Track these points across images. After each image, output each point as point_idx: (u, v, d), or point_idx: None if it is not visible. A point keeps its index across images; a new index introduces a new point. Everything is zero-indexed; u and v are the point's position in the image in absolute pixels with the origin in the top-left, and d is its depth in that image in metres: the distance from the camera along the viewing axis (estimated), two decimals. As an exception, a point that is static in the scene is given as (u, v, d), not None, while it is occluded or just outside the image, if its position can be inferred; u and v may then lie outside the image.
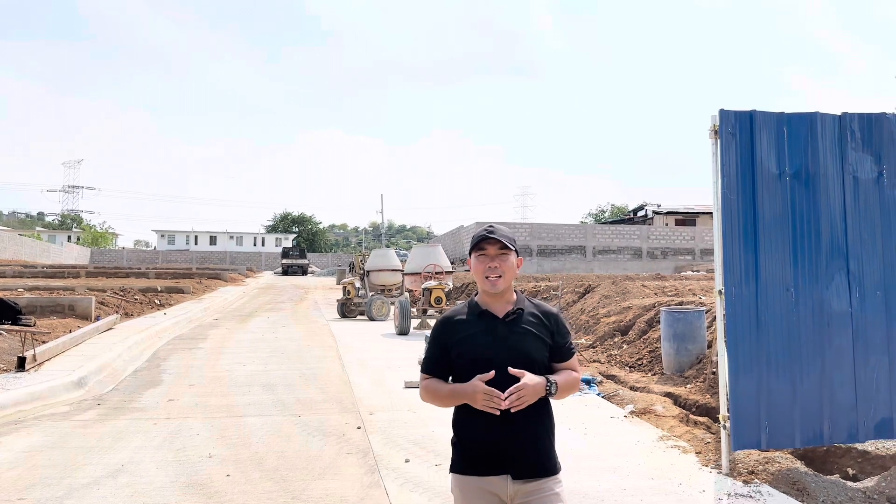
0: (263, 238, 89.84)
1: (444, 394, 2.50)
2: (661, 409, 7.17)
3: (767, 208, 5.27)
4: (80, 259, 66.16)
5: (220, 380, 9.25)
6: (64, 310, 14.00)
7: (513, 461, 2.43)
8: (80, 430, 6.51)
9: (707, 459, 5.52)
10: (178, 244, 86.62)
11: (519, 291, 2.62)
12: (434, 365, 2.56)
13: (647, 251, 47.53)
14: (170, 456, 5.73)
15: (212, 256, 77.11)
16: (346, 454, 5.82)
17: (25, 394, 7.47)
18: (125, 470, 5.34)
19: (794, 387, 5.18)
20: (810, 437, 5.25)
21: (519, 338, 2.46)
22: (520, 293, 2.61)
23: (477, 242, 2.53)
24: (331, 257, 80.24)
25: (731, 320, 5.14)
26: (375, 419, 6.91)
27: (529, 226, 47.70)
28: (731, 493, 4.79)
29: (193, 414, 7.23)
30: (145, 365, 10.51)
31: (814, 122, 5.40)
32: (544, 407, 2.50)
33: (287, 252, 62.34)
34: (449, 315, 2.61)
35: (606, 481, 5.03)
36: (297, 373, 9.85)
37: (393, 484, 5.02)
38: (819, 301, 5.29)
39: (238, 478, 5.19)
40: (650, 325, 12.05)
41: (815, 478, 5.04)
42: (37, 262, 50.43)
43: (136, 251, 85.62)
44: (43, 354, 9.20)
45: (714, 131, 5.29)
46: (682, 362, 9.39)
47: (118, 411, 7.35)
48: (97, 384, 8.59)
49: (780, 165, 5.32)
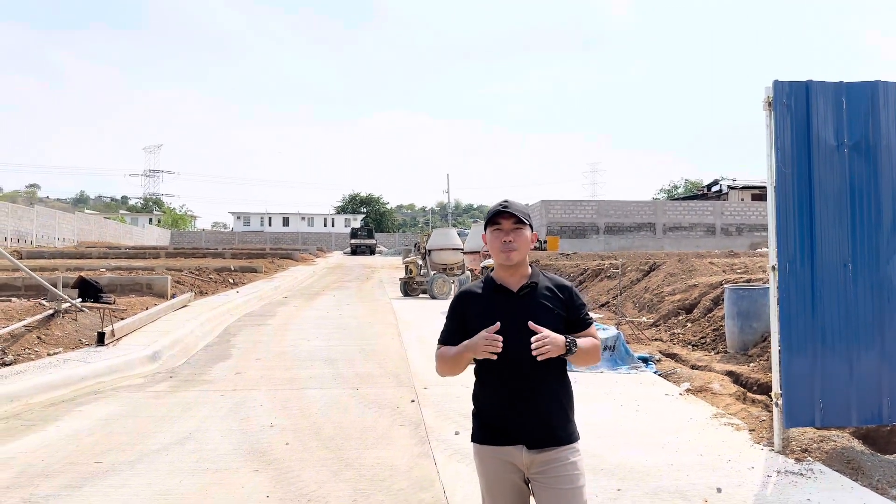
0: (333, 219, 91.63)
1: (453, 354, 2.57)
2: (718, 388, 7.08)
3: (824, 182, 5.12)
4: (160, 240, 69.04)
5: (285, 354, 9.62)
6: (142, 288, 14.73)
7: (526, 432, 2.50)
8: (152, 401, 6.92)
9: (760, 437, 5.45)
10: (253, 225, 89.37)
11: (534, 265, 2.68)
12: (451, 336, 2.63)
13: (721, 227, 46.19)
14: (234, 425, 6.04)
15: (284, 237, 79.17)
16: (399, 426, 6.01)
17: (104, 367, 7.96)
18: (192, 437, 5.67)
19: (851, 364, 5.06)
20: (868, 416, 5.12)
21: (533, 310, 2.52)
22: (535, 267, 2.67)
23: (492, 217, 2.60)
24: (398, 237, 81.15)
25: (784, 297, 5.05)
26: (429, 393, 7.08)
27: (596, 203, 47.04)
28: (782, 470, 4.72)
29: (258, 386, 7.57)
30: (216, 340, 11.00)
31: (875, 90, 5.19)
32: (559, 378, 2.56)
33: (355, 232, 63.41)
34: (466, 290, 2.69)
35: (654, 456, 5.04)
36: (357, 348, 10.13)
37: (442, 454, 5.17)
38: (879, 278, 5.13)
39: (296, 446, 5.44)
40: (716, 303, 11.79)
41: (871, 457, 4.92)
42: (121, 243, 52.92)
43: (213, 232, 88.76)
44: (121, 330, 9.75)
45: (768, 103, 5.16)
46: (745, 340, 9.20)
47: (188, 383, 7.76)
48: (170, 358, 9.06)
49: (839, 137, 5.15)
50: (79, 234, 49.71)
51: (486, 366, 2.54)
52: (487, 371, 2.57)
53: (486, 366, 2.54)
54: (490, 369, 2.54)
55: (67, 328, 9.61)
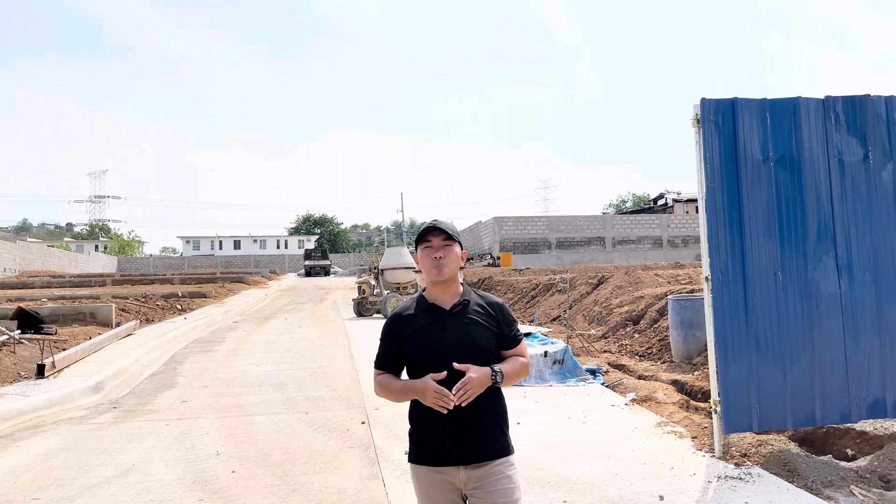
0: (286, 240, 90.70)
1: (396, 389, 2.61)
2: (663, 397, 7.24)
3: (752, 194, 5.32)
4: (107, 268, 67.35)
5: (233, 380, 9.47)
6: (85, 318, 14.35)
7: (461, 449, 2.54)
8: (94, 433, 6.74)
9: (702, 444, 5.59)
10: (203, 249, 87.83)
11: (465, 284, 2.74)
12: (387, 360, 2.67)
13: (668, 240, 47.22)
14: (179, 455, 5.93)
15: (236, 260, 78.06)
16: (348, 448, 5.98)
17: (44, 400, 7.72)
18: (135, 469, 5.54)
19: (785, 370, 5.24)
20: (802, 419, 5.30)
21: (466, 328, 2.57)
22: (466, 286, 2.73)
23: (422, 235, 2.65)
24: (353, 257, 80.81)
25: (717, 306, 5.21)
26: (380, 414, 7.06)
27: (547, 219, 47.66)
28: (722, 475, 4.86)
29: (205, 414, 7.44)
30: (162, 368, 10.77)
31: (797, 106, 5.43)
32: (492, 393, 2.61)
33: (309, 253, 62.86)
34: (398, 311, 2.73)
35: (600, 467, 5.13)
36: (308, 371, 10.05)
37: (391, 475, 5.17)
38: (808, 285, 5.33)
39: (243, 473, 5.36)
40: (661, 313, 12.07)
41: (806, 458, 5.09)
42: (65, 272, 51.45)
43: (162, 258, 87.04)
44: (62, 361, 9.48)
45: (696, 120, 5.35)
46: (690, 349, 9.43)
47: (133, 414, 7.58)
48: (114, 388, 8.84)
49: (765, 151, 5.37)
50: (21, 263, 48.18)
51: None
52: None
53: None
54: None
55: (6, 361, 9.30)
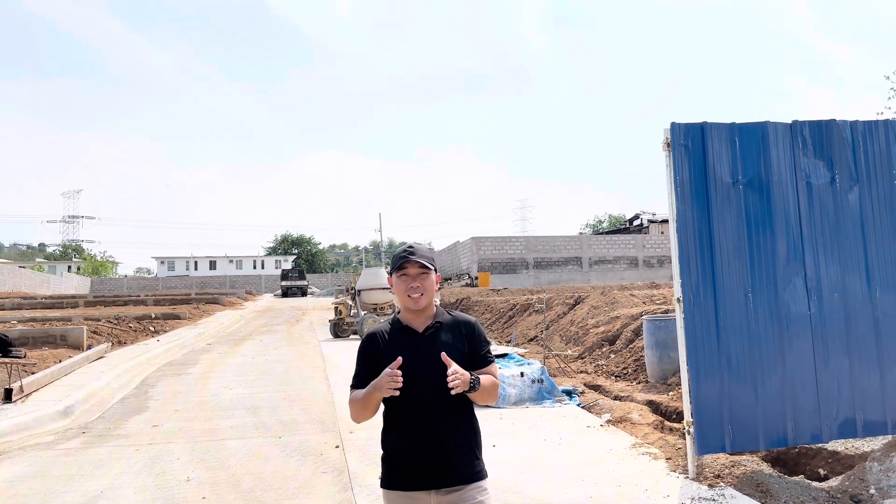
0: (263, 261, 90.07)
1: (361, 396, 2.60)
2: (638, 417, 7.26)
3: (722, 216, 5.39)
4: (80, 289, 66.28)
5: (206, 404, 9.33)
6: (56, 340, 14.09)
7: (433, 474, 2.52)
8: (62, 459, 6.59)
9: (676, 465, 5.60)
10: (178, 270, 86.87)
11: (438, 306, 2.75)
12: (361, 380, 2.66)
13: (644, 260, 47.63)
14: (149, 481, 5.81)
15: (212, 281, 77.29)
16: (321, 473, 5.90)
17: (11, 425, 7.55)
18: (103, 496, 5.43)
19: (756, 390, 5.28)
20: (774, 439, 5.33)
21: (438, 349, 2.57)
22: (439, 307, 2.74)
23: (399, 264, 2.64)
24: (330, 277, 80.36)
25: (689, 327, 5.25)
26: (354, 437, 6.99)
27: (525, 239, 47.85)
28: (696, 497, 4.87)
29: (176, 439, 7.31)
30: (133, 392, 10.58)
31: (765, 130, 5.53)
32: (466, 416, 2.60)
33: (286, 274, 62.39)
34: (373, 332, 2.73)
35: (574, 490, 5.11)
36: (283, 394, 9.93)
37: (365, 500, 5.11)
38: (778, 305, 5.40)
39: (213, 499, 5.27)
40: (637, 334, 12.13)
41: (778, 479, 5.13)
42: (36, 293, 50.56)
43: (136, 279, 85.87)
44: (30, 385, 9.29)
45: (667, 144, 5.43)
46: (665, 370, 9.47)
47: (102, 439, 7.43)
48: (83, 413, 8.67)
49: (734, 174, 5.45)
50: (-11, 284, 47.27)
51: (394, 406, 2.57)
52: (395, 411, 2.59)
53: (394, 406, 2.57)
54: (397, 409, 2.57)
55: (-29, 386, 9.09)
